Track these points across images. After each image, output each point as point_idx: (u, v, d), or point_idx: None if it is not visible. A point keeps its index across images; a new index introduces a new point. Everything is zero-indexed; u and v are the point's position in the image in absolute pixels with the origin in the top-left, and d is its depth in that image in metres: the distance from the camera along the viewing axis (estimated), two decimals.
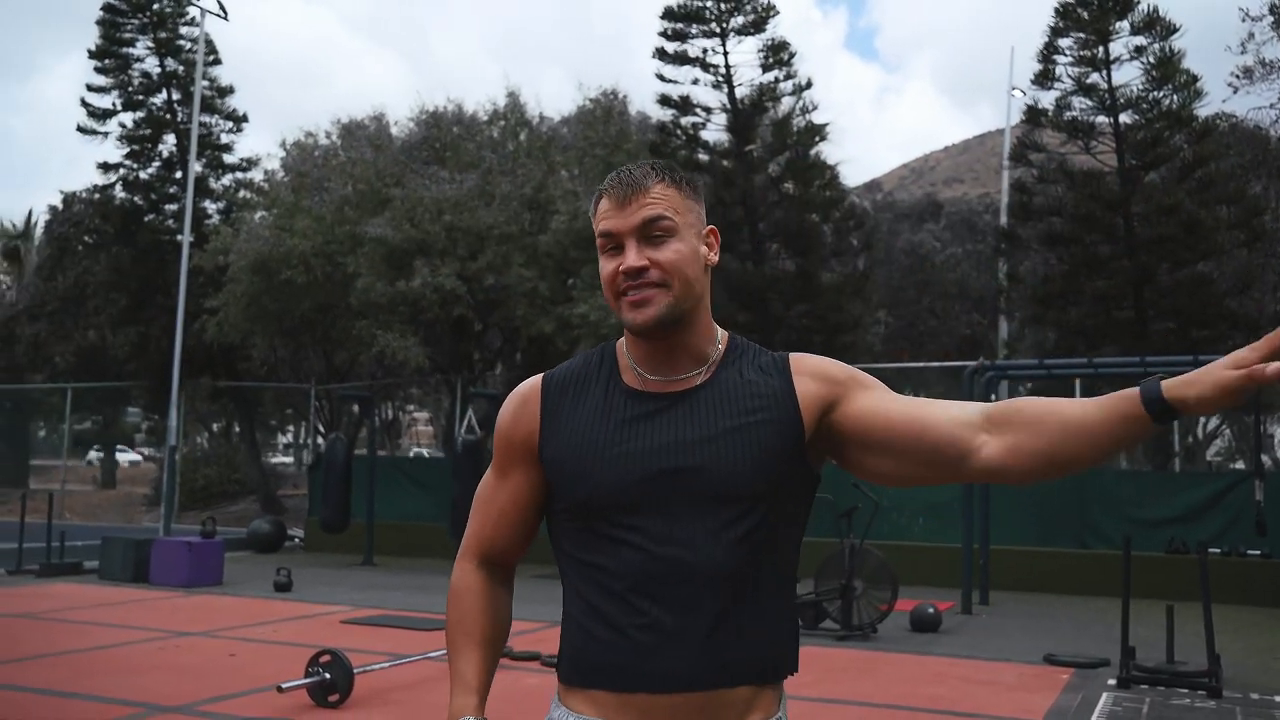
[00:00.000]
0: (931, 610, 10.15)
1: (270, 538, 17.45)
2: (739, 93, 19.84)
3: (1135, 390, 1.41)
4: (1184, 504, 13.38)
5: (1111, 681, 7.73)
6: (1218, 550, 12.45)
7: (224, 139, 25.69)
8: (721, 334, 1.65)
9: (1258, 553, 12.41)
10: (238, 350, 23.25)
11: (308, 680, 6.45)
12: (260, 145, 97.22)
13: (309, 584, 12.85)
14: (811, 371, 1.61)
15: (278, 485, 28.75)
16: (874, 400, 1.58)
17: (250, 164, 26.16)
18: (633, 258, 1.54)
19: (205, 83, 23.63)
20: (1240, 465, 35.68)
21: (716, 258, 1.63)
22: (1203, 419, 34.60)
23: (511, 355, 23.52)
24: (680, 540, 1.50)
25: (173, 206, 24.76)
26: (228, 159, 25.85)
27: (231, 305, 19.97)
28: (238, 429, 37.71)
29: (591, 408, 1.59)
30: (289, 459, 53.47)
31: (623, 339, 1.68)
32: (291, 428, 51.40)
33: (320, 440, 25.47)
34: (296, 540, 18.64)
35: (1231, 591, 11.96)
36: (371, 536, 16.05)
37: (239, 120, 25.83)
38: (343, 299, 19.39)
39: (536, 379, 1.68)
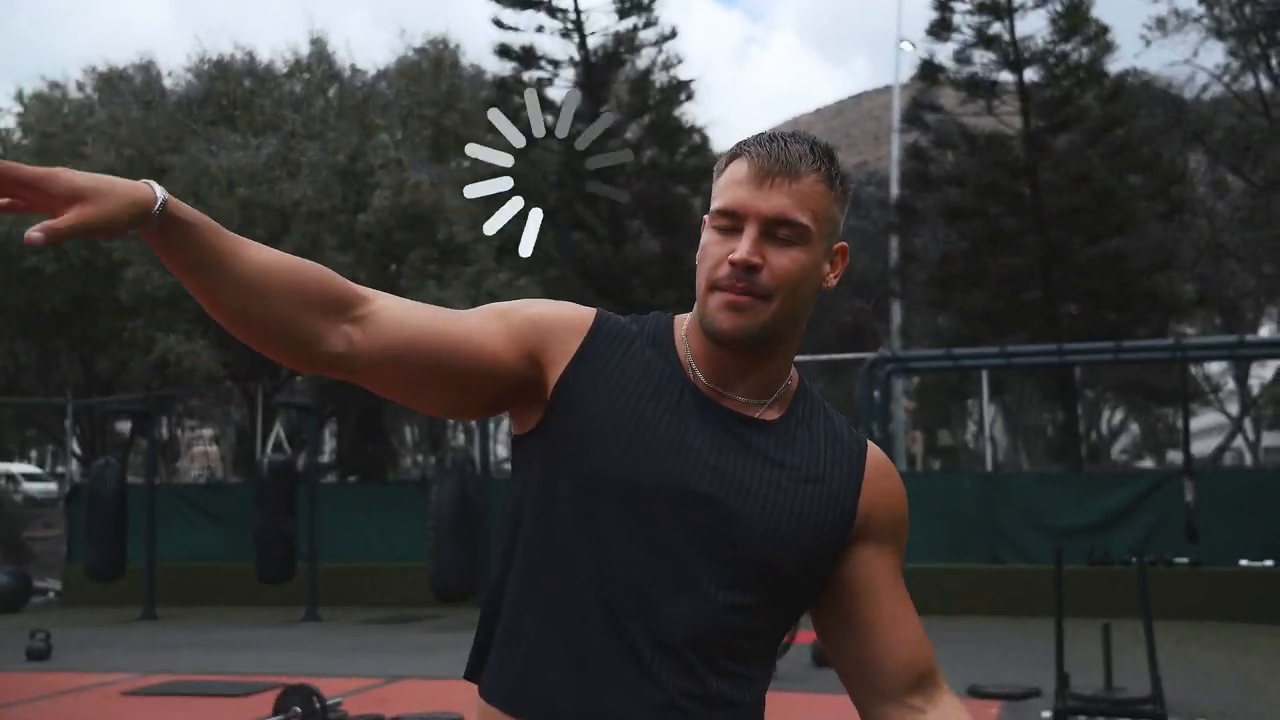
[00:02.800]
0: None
1: (11, 593, 16.49)
2: (591, 43, 19.84)
3: None
4: (1102, 509, 14.01)
5: (1046, 714, 7.95)
6: (1138, 559, 13.05)
7: None
8: (793, 371, 1.61)
9: (1185, 560, 13.09)
10: None
11: None
12: None
13: (74, 648, 12.10)
14: (884, 483, 1.59)
15: (21, 525, 27.16)
16: (891, 574, 1.59)
17: None
18: (747, 248, 1.47)
19: None
20: (1148, 463, 37.93)
21: (835, 281, 1.58)
22: (1107, 412, 36.65)
23: None
24: (677, 578, 1.46)
25: None
26: None
27: None
28: None
29: (641, 385, 1.53)
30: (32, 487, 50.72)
31: (682, 318, 1.62)
32: (34, 452, 48.76)
33: (77, 467, 24.17)
34: (50, 594, 17.81)
35: (1159, 604, 12.50)
36: (153, 583, 15.37)
37: None
38: (108, 292, 18.49)
39: (590, 310, 1.60)
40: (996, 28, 17.67)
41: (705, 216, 1.56)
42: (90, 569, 14.89)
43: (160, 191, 1.32)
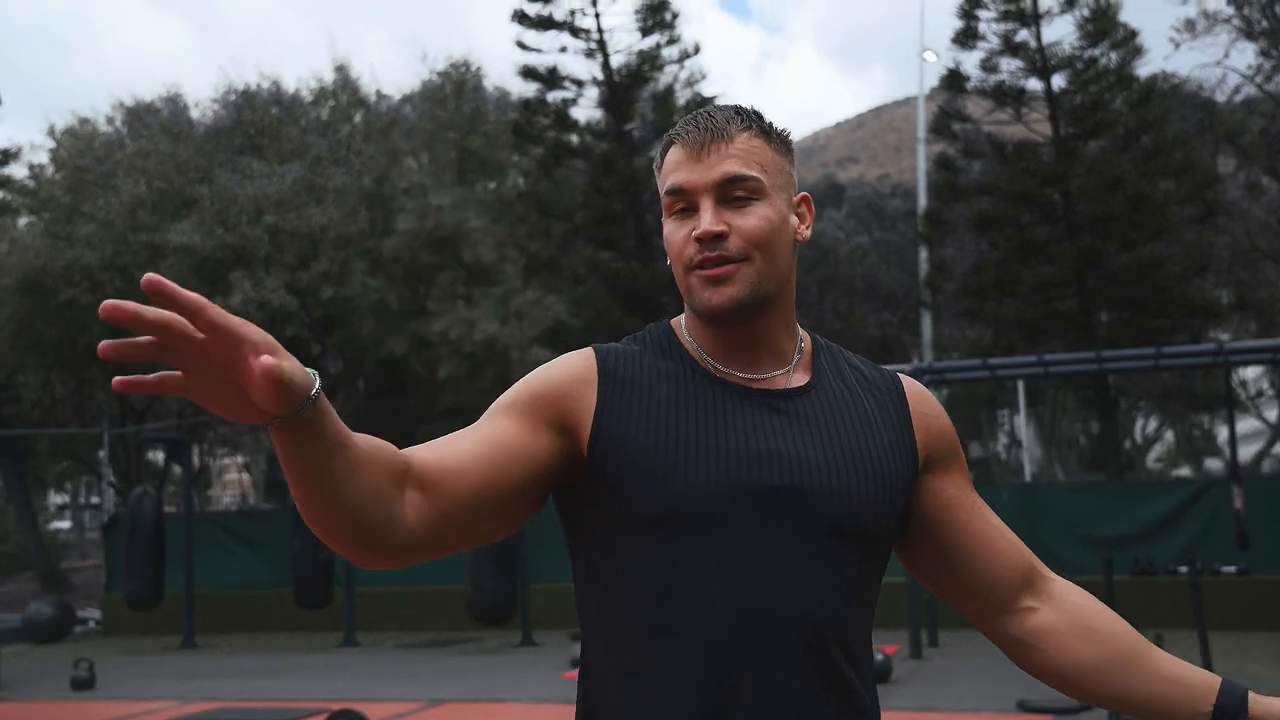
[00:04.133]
0: (880, 657, 10.17)
1: (55, 623, 16.58)
2: (615, 62, 19.87)
3: (1214, 683, 1.48)
4: (1144, 517, 13.83)
5: None
6: (1184, 569, 12.89)
7: None
8: (802, 331, 1.58)
9: (1232, 569, 12.90)
10: (2, 390, 22.22)
11: None
12: (20, 133, 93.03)
13: (117, 678, 12.16)
14: (929, 409, 1.59)
15: (60, 557, 27.36)
16: (965, 491, 1.58)
17: (9, 157, 24.91)
18: (709, 220, 1.44)
19: None
20: (1185, 471, 37.52)
21: (809, 233, 1.54)
22: (1140, 421, 36.30)
23: (354, 381, 22.91)
24: (784, 579, 1.39)
25: None
26: None
27: None
28: None
29: (665, 395, 1.46)
30: (65, 523, 51.05)
31: (679, 320, 1.57)
32: (69, 484, 49.08)
33: (113, 497, 24.30)
34: (91, 624, 17.89)
35: (1205, 615, 12.37)
36: (192, 612, 15.39)
37: None
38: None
39: (589, 353, 1.52)
40: (1023, 34, 17.61)
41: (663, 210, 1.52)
42: (130, 598, 14.96)
43: (317, 380, 1.18)
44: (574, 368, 1.48)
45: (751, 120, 1.49)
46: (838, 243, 31.00)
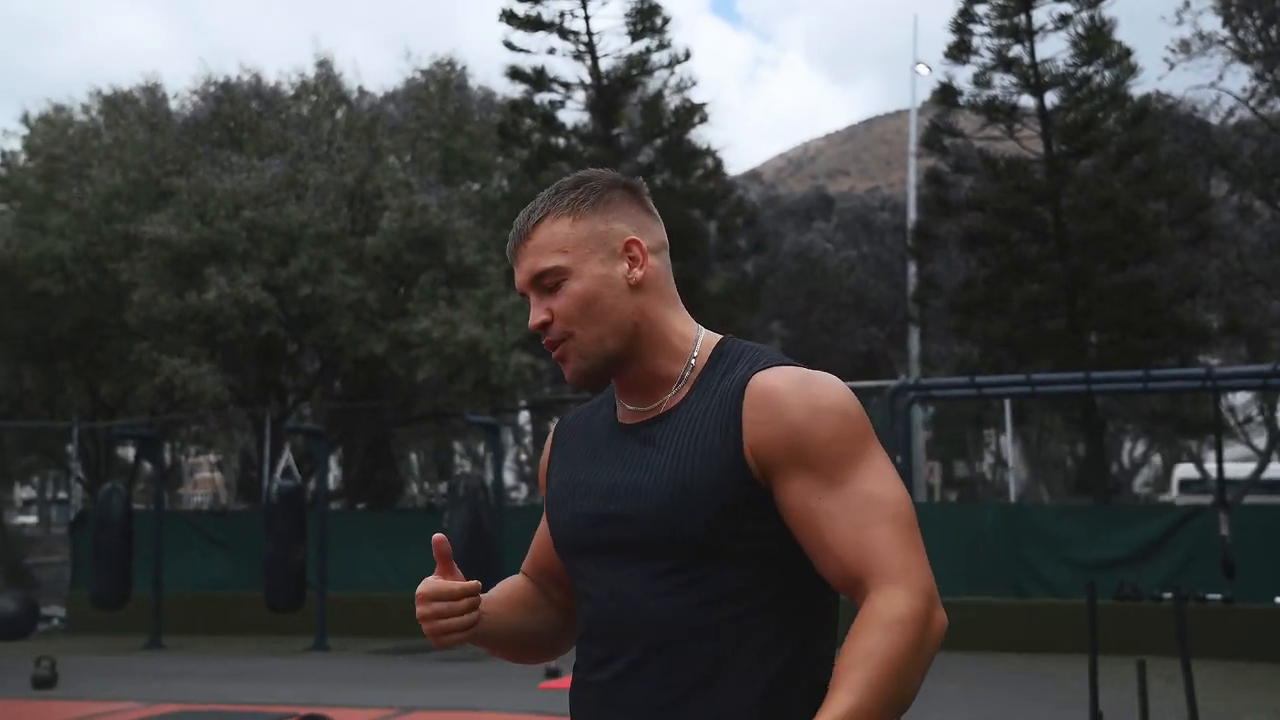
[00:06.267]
0: None
1: (18, 620, 16.48)
2: (604, 65, 19.89)
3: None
4: (1131, 542, 13.89)
5: None
6: (1169, 595, 12.95)
7: None
8: (704, 341, 1.72)
9: (1219, 597, 12.96)
10: None
11: None
12: None
13: (80, 677, 12.07)
14: (762, 415, 1.60)
15: (25, 552, 27.17)
16: (807, 495, 1.58)
17: None
18: (533, 315, 1.71)
19: None
20: (1169, 497, 37.69)
21: (641, 272, 1.69)
22: (1128, 443, 36.45)
23: (331, 381, 22.85)
24: (621, 594, 1.64)
25: None
26: None
27: None
28: None
29: (580, 446, 1.79)
30: (31, 518, 50.71)
31: None
32: (36, 479, 48.73)
33: (81, 493, 24.14)
34: (56, 621, 17.75)
35: (1192, 643, 12.41)
36: (159, 612, 15.30)
37: None
38: (114, 316, 18.54)
39: (554, 430, 1.91)
40: (1017, 50, 17.69)
41: None
42: (96, 597, 14.88)
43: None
44: (545, 448, 1.90)
45: (549, 202, 1.71)
46: (825, 255, 31.08)
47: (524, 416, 31.63)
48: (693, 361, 1.69)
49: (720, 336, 1.73)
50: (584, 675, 1.71)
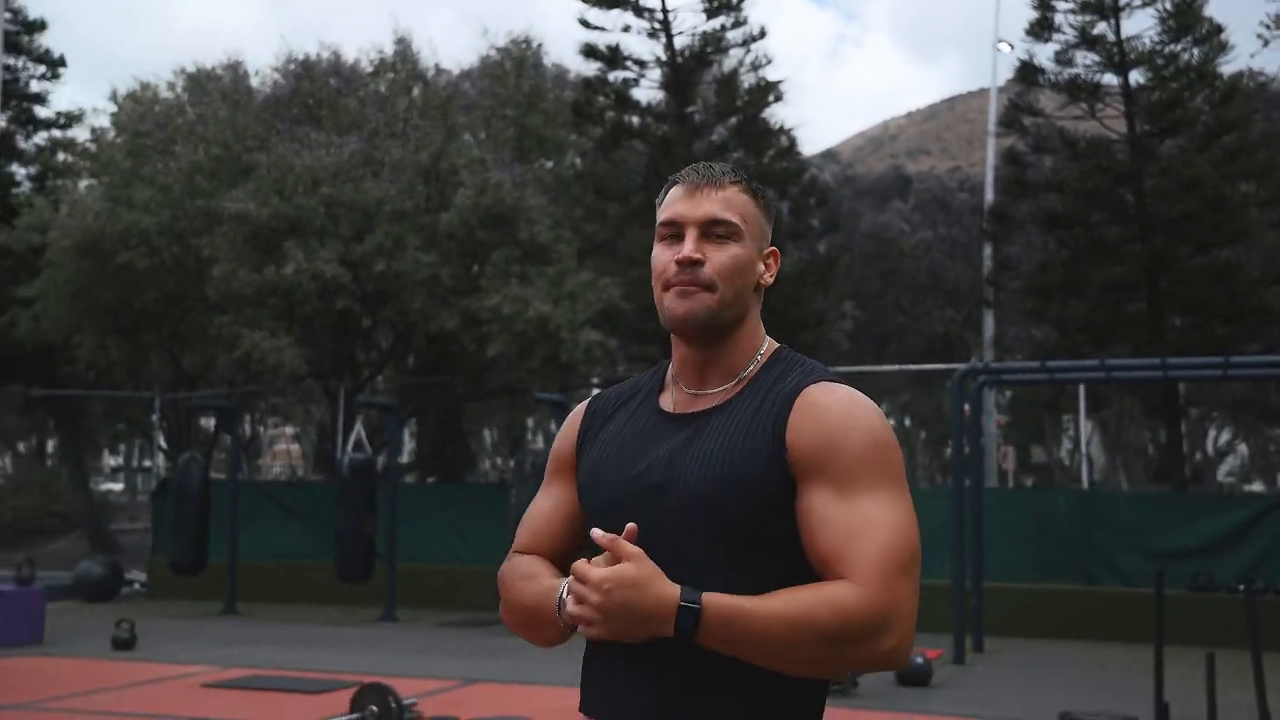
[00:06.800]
0: (921, 660, 10.15)
1: (103, 583, 17.00)
2: (678, 43, 19.80)
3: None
4: (1207, 532, 13.63)
5: None
6: (1247, 586, 12.67)
7: (35, 87, 24.85)
8: (768, 346, 1.90)
9: None
10: (59, 351, 22.57)
11: None
12: (83, 97, 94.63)
13: (158, 639, 12.44)
14: (808, 422, 1.75)
15: (110, 518, 27.94)
16: (824, 503, 1.71)
17: (71, 120, 25.39)
18: (689, 247, 1.80)
19: (8, 15, 22.80)
20: (1258, 486, 36.83)
21: (771, 280, 1.89)
22: (1213, 432, 35.62)
23: (404, 356, 23.14)
24: (653, 557, 1.68)
25: None
26: (41, 112, 25.05)
27: (51, 295, 19.40)
28: (52, 448, 36.65)
29: (621, 423, 1.92)
30: (118, 485, 52.16)
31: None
32: (123, 446, 50.10)
33: (163, 462, 24.77)
34: (138, 585, 18.21)
35: (1269, 636, 12.15)
36: (235, 579, 15.69)
37: (55, 64, 25.03)
38: (196, 289, 18.92)
39: (584, 404, 2.04)
40: (1101, 27, 17.29)
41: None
42: (174, 563, 15.29)
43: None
44: (571, 420, 2.03)
45: (743, 177, 1.87)
46: (901, 235, 30.75)
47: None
48: (757, 361, 1.86)
49: (779, 345, 1.91)
50: (605, 649, 1.80)
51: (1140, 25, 31.43)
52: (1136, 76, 17.20)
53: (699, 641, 1.62)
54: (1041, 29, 17.77)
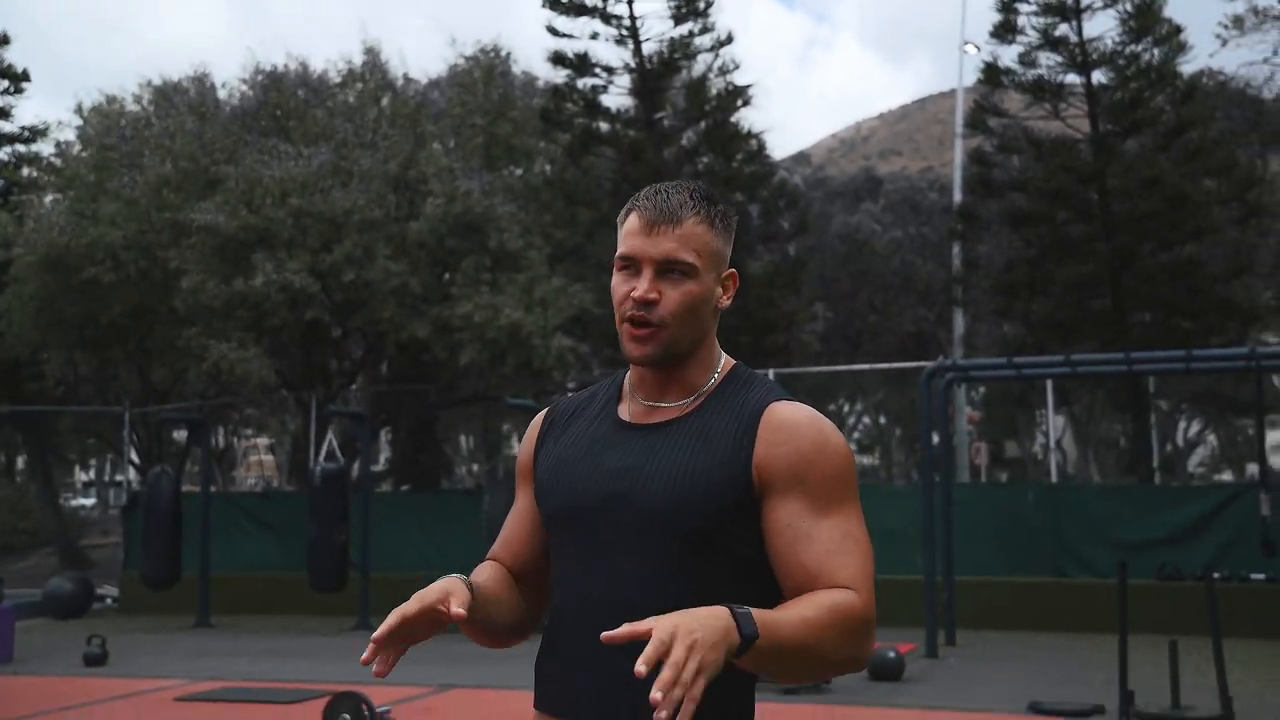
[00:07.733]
0: (893, 655, 10.24)
1: (74, 599, 16.82)
2: (646, 49, 19.92)
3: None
4: (1173, 523, 13.80)
5: None
6: (1216, 575, 12.85)
7: None
8: (724, 363, 1.94)
9: (1262, 576, 12.87)
10: (25, 367, 22.48)
11: None
12: (48, 111, 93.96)
13: (130, 655, 12.39)
14: (776, 439, 1.80)
15: (81, 533, 27.75)
16: (795, 518, 1.77)
17: (36, 134, 25.27)
18: (644, 287, 1.83)
19: None
20: (1227, 476, 37.20)
21: (729, 302, 1.92)
22: (1182, 423, 36.00)
23: (376, 365, 23.11)
24: (608, 570, 1.80)
25: None
26: (4, 127, 24.94)
27: (16, 310, 19.24)
28: (21, 465, 36.33)
29: (579, 431, 1.95)
30: (88, 500, 51.78)
31: None
32: (94, 461, 49.75)
33: (135, 476, 24.65)
34: (109, 600, 18.14)
35: (1234, 622, 12.32)
36: (206, 592, 15.63)
37: (18, 79, 24.91)
38: (164, 302, 18.84)
39: (543, 413, 2.08)
40: (1063, 29, 17.50)
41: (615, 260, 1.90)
42: (145, 577, 15.20)
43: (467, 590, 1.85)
44: (531, 427, 2.07)
45: (700, 206, 1.86)
46: (873, 236, 30.94)
47: None
48: (714, 378, 1.91)
49: (735, 362, 1.96)
50: (563, 646, 1.86)
51: (1102, 26, 31.82)
52: (1099, 77, 17.43)
53: (759, 645, 1.58)
54: (1005, 31, 17.98)
